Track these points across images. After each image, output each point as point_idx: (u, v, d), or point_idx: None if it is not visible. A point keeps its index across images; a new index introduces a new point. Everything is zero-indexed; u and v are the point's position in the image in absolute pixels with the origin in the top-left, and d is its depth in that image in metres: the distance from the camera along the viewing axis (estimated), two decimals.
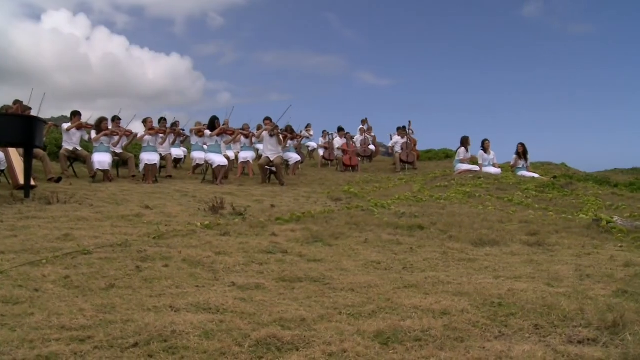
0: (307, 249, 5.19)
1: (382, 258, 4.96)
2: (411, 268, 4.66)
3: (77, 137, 11.96)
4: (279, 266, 4.44)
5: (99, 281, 3.76)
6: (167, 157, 12.57)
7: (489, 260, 5.03)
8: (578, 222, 7.18)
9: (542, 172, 13.94)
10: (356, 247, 5.42)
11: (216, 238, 5.44)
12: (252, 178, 13.50)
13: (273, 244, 5.27)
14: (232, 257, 4.65)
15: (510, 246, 5.70)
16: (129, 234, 5.59)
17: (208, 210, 7.48)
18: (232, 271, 4.24)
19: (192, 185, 11.18)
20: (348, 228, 6.37)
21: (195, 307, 3.21)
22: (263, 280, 3.97)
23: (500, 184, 11.48)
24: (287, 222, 6.80)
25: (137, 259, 4.43)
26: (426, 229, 6.46)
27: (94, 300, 3.32)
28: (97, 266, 4.16)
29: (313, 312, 3.21)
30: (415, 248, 5.46)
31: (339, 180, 13.78)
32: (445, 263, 4.89)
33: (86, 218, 6.59)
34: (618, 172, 17.27)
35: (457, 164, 13.46)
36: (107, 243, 4.98)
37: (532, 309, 3.36)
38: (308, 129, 18.74)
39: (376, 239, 5.80)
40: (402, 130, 16.61)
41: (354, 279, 4.13)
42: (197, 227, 5.96)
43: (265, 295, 3.60)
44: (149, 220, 6.53)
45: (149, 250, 4.71)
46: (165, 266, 4.25)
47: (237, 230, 5.97)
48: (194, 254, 4.66)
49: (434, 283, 4.09)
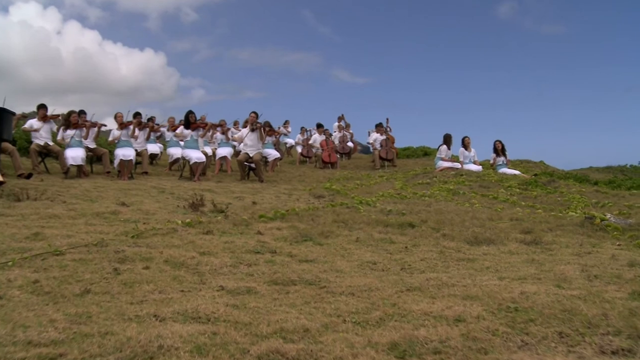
0: (296, 248, 4.83)
1: (377, 258, 4.62)
2: (409, 269, 4.33)
3: (47, 131, 11.34)
4: (269, 267, 4.07)
5: (72, 286, 3.34)
6: (143, 152, 12.03)
7: (488, 260, 4.74)
8: (569, 219, 6.95)
9: (522, 170, 13.78)
10: (348, 246, 5.07)
11: (199, 237, 5.04)
12: (230, 175, 13.06)
13: (260, 243, 4.90)
14: (217, 257, 4.26)
15: (507, 245, 5.42)
16: (104, 232, 5.16)
17: (188, 207, 7.06)
18: (219, 273, 3.85)
19: (169, 182, 10.70)
20: (336, 226, 6.02)
21: (183, 315, 2.82)
22: (254, 284, 3.59)
23: (483, 182, 11.27)
24: (272, 219, 6.43)
25: (114, 260, 4.01)
26: (417, 227, 6.14)
27: (66, 309, 2.90)
28: (70, 269, 3.73)
29: (315, 320, 2.85)
30: (410, 247, 5.14)
31: (318, 177, 13.43)
32: (444, 263, 4.58)
33: (58, 215, 6.12)
34: (594, 170, 17.21)
35: (438, 161, 13.23)
36: (81, 243, 4.54)
37: (552, 315, 3.05)
38: (286, 126, 18.34)
39: (367, 237, 5.47)
40: (380, 127, 16.31)
41: (352, 281, 3.79)
42: (178, 225, 5.54)
43: (259, 300, 3.22)
44: (125, 218, 6.09)
45: (127, 251, 4.29)
46: (145, 268, 3.84)
47: (221, 228, 5.58)
48: (177, 254, 4.25)
49: (437, 285, 3.77)
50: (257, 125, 11.84)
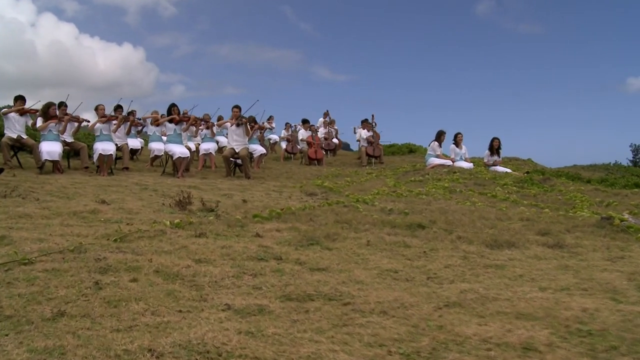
0: (303, 254, 4.17)
1: (396, 265, 3.99)
2: (436, 278, 3.72)
3: (22, 124, 10.46)
4: (278, 278, 3.40)
5: (42, 307, 2.63)
6: (124, 147, 11.21)
7: (517, 266, 4.15)
8: (581, 220, 6.41)
9: (512, 168, 13.29)
10: (359, 250, 4.43)
11: (191, 240, 4.35)
12: (214, 171, 12.32)
13: (262, 248, 4.22)
14: (216, 266, 3.58)
15: (530, 248, 4.85)
16: (83, 235, 4.44)
17: (174, 205, 6.35)
18: (221, 286, 3.18)
19: (152, 178, 9.94)
20: (340, 227, 5.38)
21: (186, 349, 2.15)
22: (265, 301, 2.93)
23: (477, 179, 10.72)
24: (267, 219, 5.76)
25: (95, 271, 3.31)
26: (428, 229, 5.53)
27: (32, 342, 2.20)
28: (40, 282, 3.02)
29: (355, 353, 2.20)
30: (428, 252, 4.52)
31: (306, 174, 12.77)
32: (472, 271, 3.97)
33: (30, 215, 5.37)
34: (579, 168, 16.85)
35: (429, 157, 12.65)
36: (55, 248, 3.82)
37: (635, 340, 2.46)
38: (270, 121, 17.60)
39: (378, 240, 4.83)
40: (367, 123, 15.69)
41: (378, 295, 3.16)
42: (167, 226, 4.84)
43: (276, 324, 2.56)
44: (106, 218, 5.37)
45: (109, 258, 3.58)
46: (133, 280, 3.15)
47: (214, 230, 4.89)
48: (169, 262, 3.56)
49: (478, 300, 3.16)
50: (242, 120, 11.11)
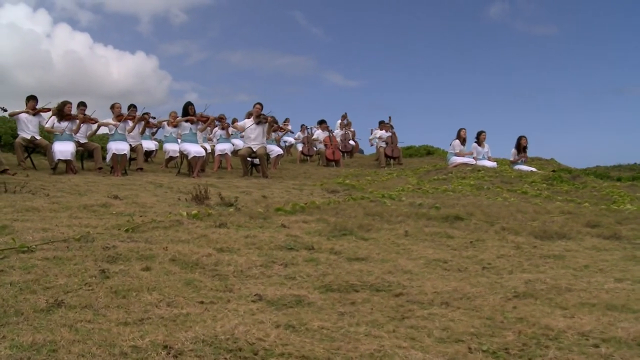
0: (337, 243, 3.66)
1: (444, 255, 3.47)
2: (492, 268, 3.19)
3: (35, 124, 10.06)
4: (313, 268, 2.90)
5: (36, 296, 2.14)
6: (138, 147, 10.76)
7: (578, 257, 3.61)
8: (629, 213, 5.85)
9: (536, 167, 12.69)
10: (399, 241, 3.91)
11: (211, 230, 3.85)
12: (230, 171, 11.83)
13: (291, 237, 3.72)
14: (241, 255, 3.08)
15: (584, 240, 4.30)
16: (92, 225, 3.96)
17: (190, 200, 5.87)
18: (249, 276, 2.67)
19: (167, 178, 9.47)
20: (371, 219, 4.86)
21: (212, 346, 1.64)
22: (302, 291, 2.42)
23: (503, 177, 10.14)
24: (291, 213, 5.25)
25: (102, 259, 2.82)
26: (466, 220, 5.00)
27: (19, 336, 1.70)
28: (37, 271, 2.53)
29: (429, 350, 1.69)
30: (474, 242, 3.99)
31: (323, 174, 12.25)
32: (530, 261, 3.44)
33: (37, 208, 4.91)
34: (602, 168, 16.23)
35: (451, 156, 12.06)
36: (59, 237, 3.35)
37: None
38: (286, 124, 17.12)
39: (417, 231, 4.31)
40: (385, 125, 15.15)
41: (434, 285, 2.64)
42: (183, 217, 4.35)
43: (321, 317, 2.05)
44: (118, 211, 4.89)
45: (119, 247, 3.09)
46: (145, 269, 2.65)
47: (235, 221, 4.39)
48: (187, 250, 3.06)
49: (551, 290, 2.63)
50: (264, 118, 10.55)
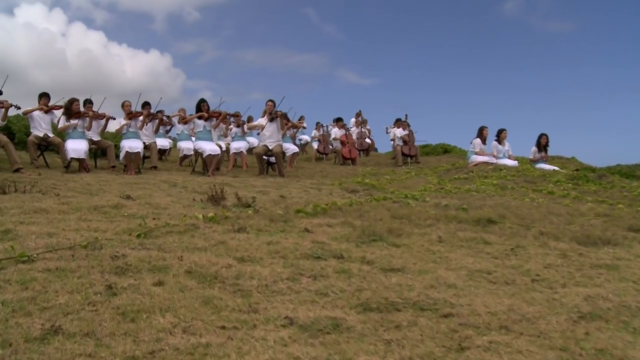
0: (368, 251, 3.31)
1: (486, 265, 3.11)
2: (542, 281, 2.83)
3: (47, 122, 9.81)
4: (346, 281, 2.55)
5: (31, 320, 1.82)
6: (152, 146, 10.48)
7: (633, 267, 3.24)
8: None
9: (558, 166, 12.25)
10: (433, 247, 3.56)
11: (229, 236, 3.53)
12: (246, 170, 11.52)
13: (316, 244, 3.38)
14: (264, 265, 2.74)
15: (633, 246, 3.92)
16: (101, 229, 3.65)
17: (206, 201, 5.56)
18: (275, 292, 2.34)
19: (181, 177, 9.18)
20: (399, 222, 4.51)
21: None
22: (338, 311, 2.08)
23: (526, 176, 9.72)
24: (312, 215, 4.92)
25: (109, 271, 2.50)
26: (500, 224, 4.63)
27: None
28: (36, 286, 2.21)
29: None
30: (515, 249, 3.63)
31: (341, 173, 11.90)
32: (580, 272, 3.07)
33: (46, 210, 4.63)
34: (624, 167, 15.66)
35: (471, 155, 11.67)
36: (64, 244, 3.04)
37: None
38: (301, 121, 16.77)
39: (450, 236, 3.95)
40: (402, 122, 14.76)
41: (483, 302, 2.29)
42: (199, 220, 4.03)
43: (365, 347, 1.71)
44: (130, 213, 4.59)
45: (129, 256, 2.77)
46: (158, 284, 2.33)
47: (254, 225, 4.07)
48: (204, 260, 2.73)
49: (621, 310, 2.27)
50: (277, 113, 10.26)
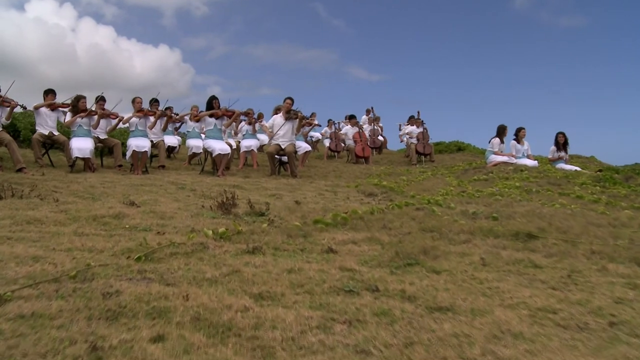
0: (406, 280, 2.78)
1: (546, 300, 2.58)
2: (622, 324, 2.30)
3: (53, 120, 9.37)
4: (389, 330, 2.04)
5: None
6: (160, 144, 10.01)
7: None
8: None
9: (579, 165, 11.67)
10: (478, 274, 3.03)
11: (243, 260, 3.02)
12: (257, 169, 11.02)
13: (345, 272, 2.86)
14: (287, 306, 2.23)
15: None
16: (97, 249, 3.16)
17: (216, 208, 5.07)
18: (304, 349, 1.82)
19: (190, 177, 8.70)
20: (430, 237, 3.99)
21: None
22: None
23: (549, 178, 9.16)
24: (331, 225, 4.42)
25: (98, 316, 2.00)
26: (542, 239, 4.10)
27: None
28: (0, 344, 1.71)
29: None
30: (572, 275, 3.10)
31: (354, 172, 11.38)
32: None
33: (40, 220, 4.15)
34: None
35: (490, 155, 11.12)
36: (50, 273, 2.54)
37: None
38: (312, 118, 16.25)
39: (493, 257, 3.42)
40: (416, 120, 14.21)
41: None
42: (208, 237, 3.52)
43: None
44: (132, 224, 4.10)
45: (125, 292, 2.27)
46: (157, 340, 1.82)
47: (271, 242, 3.56)
48: (214, 301, 2.22)
49: None
50: (294, 114, 9.69)
